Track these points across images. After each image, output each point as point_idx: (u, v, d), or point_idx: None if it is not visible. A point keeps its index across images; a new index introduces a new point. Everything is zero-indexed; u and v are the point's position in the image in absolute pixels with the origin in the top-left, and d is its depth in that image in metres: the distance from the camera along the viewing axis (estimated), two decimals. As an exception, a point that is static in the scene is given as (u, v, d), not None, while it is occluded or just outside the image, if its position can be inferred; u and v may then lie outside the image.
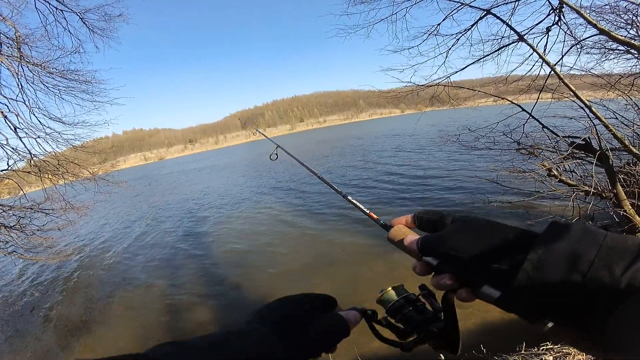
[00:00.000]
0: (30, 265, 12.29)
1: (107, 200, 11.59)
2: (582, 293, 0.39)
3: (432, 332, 0.57)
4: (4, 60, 6.71)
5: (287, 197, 16.36)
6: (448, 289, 0.54)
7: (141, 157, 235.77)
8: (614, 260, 0.39)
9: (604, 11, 5.11)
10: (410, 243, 0.59)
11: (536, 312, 0.44)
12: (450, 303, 0.56)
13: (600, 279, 0.38)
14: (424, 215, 0.63)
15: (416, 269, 0.58)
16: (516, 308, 0.46)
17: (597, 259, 0.39)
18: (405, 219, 0.66)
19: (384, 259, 7.37)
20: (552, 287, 0.41)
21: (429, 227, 0.61)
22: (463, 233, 0.52)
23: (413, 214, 0.65)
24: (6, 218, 7.22)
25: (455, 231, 0.54)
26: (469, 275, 0.51)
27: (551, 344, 3.23)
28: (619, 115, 5.28)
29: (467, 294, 0.51)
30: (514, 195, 7.05)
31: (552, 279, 0.41)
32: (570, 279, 0.40)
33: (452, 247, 0.51)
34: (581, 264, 0.40)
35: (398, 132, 45.91)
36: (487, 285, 0.48)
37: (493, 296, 0.47)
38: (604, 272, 0.38)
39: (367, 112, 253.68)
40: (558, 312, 0.42)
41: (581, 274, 0.39)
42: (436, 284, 0.55)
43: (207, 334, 0.45)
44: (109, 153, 15.03)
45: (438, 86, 6.23)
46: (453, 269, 0.53)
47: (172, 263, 10.40)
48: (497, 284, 0.47)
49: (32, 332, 7.75)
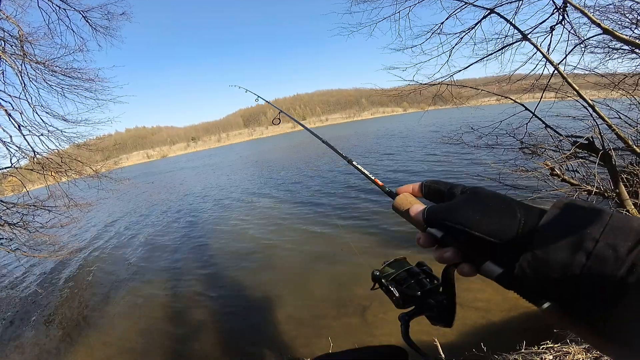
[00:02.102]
0: (33, 263, 12.32)
1: (110, 198, 11.63)
2: (585, 274, 0.39)
3: (430, 303, 0.57)
4: (7, 59, 6.74)
5: (286, 196, 16.39)
6: (450, 262, 0.53)
7: (144, 155, 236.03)
8: (619, 240, 0.38)
9: (608, 10, 5.06)
10: (415, 213, 0.57)
11: (537, 291, 0.44)
12: (450, 277, 0.56)
13: (605, 258, 0.38)
14: (432, 185, 0.61)
15: (420, 240, 0.56)
16: (517, 286, 0.46)
17: (602, 237, 0.39)
18: (412, 187, 0.64)
19: (385, 255, 7.33)
20: (555, 266, 0.41)
21: (437, 197, 0.60)
22: (472, 206, 0.50)
23: (420, 182, 0.64)
24: (10, 215, 7.27)
25: (465, 203, 0.52)
26: (474, 250, 0.50)
27: (551, 343, 3.23)
28: (623, 115, 5.25)
29: (469, 269, 0.51)
30: (516, 194, 7.01)
31: (556, 257, 0.41)
32: (574, 258, 0.40)
33: (459, 221, 0.49)
34: (586, 242, 0.40)
35: (400, 131, 45.80)
36: (490, 261, 0.48)
37: (494, 272, 0.47)
38: (609, 251, 0.38)
39: (370, 110, 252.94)
40: (561, 294, 0.41)
41: (586, 253, 0.39)
42: (439, 257, 0.54)
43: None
44: (112, 151, 15.11)
45: (441, 85, 6.20)
46: (458, 243, 0.52)
47: (175, 262, 10.43)
48: (500, 260, 0.47)
49: (33, 331, 7.79)
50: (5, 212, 7.19)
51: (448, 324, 0.57)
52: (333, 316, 5.99)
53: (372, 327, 5.46)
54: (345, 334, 5.42)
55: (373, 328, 5.44)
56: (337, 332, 5.48)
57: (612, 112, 5.10)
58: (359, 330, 5.47)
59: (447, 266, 0.55)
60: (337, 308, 6.19)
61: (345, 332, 5.50)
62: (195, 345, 5.99)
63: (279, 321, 6.17)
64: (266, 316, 6.43)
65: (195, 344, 6.04)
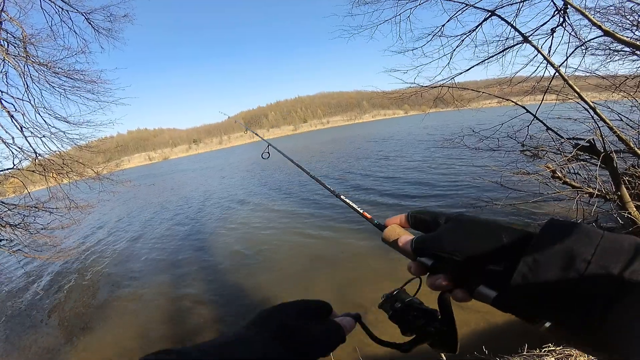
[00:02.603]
0: (34, 264, 12.35)
1: (111, 200, 11.65)
2: (578, 292, 0.38)
3: (430, 332, 0.57)
4: (11, 60, 6.77)
5: (286, 199, 16.38)
6: (444, 289, 0.54)
7: (145, 157, 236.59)
8: (611, 261, 0.38)
9: (608, 12, 5.08)
10: (404, 244, 0.59)
11: (533, 312, 0.43)
12: (446, 303, 0.56)
13: (598, 279, 0.38)
14: (417, 215, 0.62)
15: (411, 269, 0.57)
16: (513, 308, 0.45)
17: (593, 259, 0.39)
18: (399, 219, 0.65)
19: (385, 258, 7.34)
20: (548, 287, 0.40)
21: (423, 227, 0.61)
22: (457, 233, 0.52)
23: (407, 213, 0.64)
24: (11, 217, 7.28)
25: (449, 232, 0.53)
26: (464, 275, 0.50)
27: (553, 346, 3.22)
28: (624, 117, 5.25)
29: (463, 294, 0.51)
30: (517, 196, 7.01)
31: (548, 278, 0.40)
32: (566, 279, 0.39)
33: (445, 249, 0.51)
34: (577, 264, 0.39)
35: (400, 134, 45.84)
36: (483, 285, 0.47)
37: (489, 296, 0.47)
38: (601, 271, 0.38)
39: (371, 113, 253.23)
40: (555, 311, 0.41)
41: (578, 274, 0.39)
42: (431, 285, 0.54)
43: (204, 341, 0.46)
44: (114, 152, 15.19)
45: (442, 87, 6.21)
46: (448, 270, 0.52)
47: (175, 262, 10.43)
48: (493, 284, 0.47)
49: (35, 331, 7.79)
50: (6, 213, 7.21)
51: (452, 350, 0.57)
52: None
53: (372, 329, 5.43)
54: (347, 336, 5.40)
55: (373, 330, 5.41)
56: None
57: (614, 114, 5.10)
58: (359, 332, 5.43)
59: (441, 293, 0.55)
60: (337, 310, 6.17)
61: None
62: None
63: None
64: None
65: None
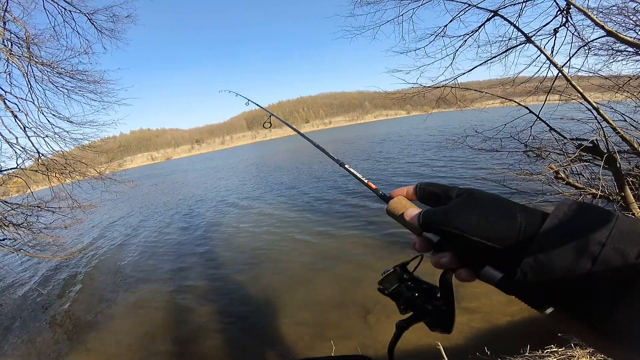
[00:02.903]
0: (37, 263, 12.40)
1: (114, 199, 11.68)
2: (591, 278, 0.37)
3: (428, 309, 0.56)
4: (14, 60, 6.80)
5: (287, 200, 16.38)
6: (448, 268, 0.52)
7: (148, 157, 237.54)
8: (627, 244, 0.36)
9: (611, 12, 5.04)
10: (411, 217, 0.56)
11: (539, 296, 0.42)
12: (448, 282, 0.55)
13: (612, 263, 0.36)
14: (427, 187, 0.59)
15: (415, 245, 0.55)
16: (518, 291, 0.44)
17: (608, 241, 0.37)
18: (406, 190, 0.62)
19: (387, 258, 7.33)
20: (560, 271, 0.39)
21: (432, 200, 0.58)
22: (469, 209, 0.48)
23: (415, 185, 0.61)
24: (14, 216, 7.32)
25: (461, 207, 0.49)
26: (471, 255, 0.48)
27: (555, 347, 3.20)
28: (628, 118, 5.22)
29: (467, 274, 0.50)
30: (521, 197, 6.98)
31: (560, 262, 0.39)
32: (579, 263, 0.38)
33: (456, 225, 0.47)
34: (591, 246, 0.38)
35: (402, 134, 45.79)
36: (489, 266, 0.46)
37: (495, 278, 0.46)
38: (617, 256, 0.36)
39: (373, 113, 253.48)
40: (562, 297, 0.40)
41: (591, 258, 0.37)
42: (435, 262, 0.52)
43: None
44: (117, 152, 15.18)
45: (445, 88, 6.19)
46: (455, 248, 0.50)
47: (177, 264, 10.44)
48: (500, 265, 0.45)
49: (37, 330, 7.81)
50: (9, 213, 7.24)
51: (447, 330, 0.55)
52: (335, 319, 5.96)
53: (375, 330, 5.43)
54: (348, 337, 5.40)
55: (375, 331, 5.41)
56: (339, 334, 5.46)
57: (617, 114, 5.06)
58: (360, 334, 5.44)
59: (444, 271, 0.54)
60: (340, 310, 6.17)
61: (347, 334, 5.47)
62: (197, 347, 5.98)
63: (281, 323, 6.15)
64: (268, 318, 6.42)
65: (197, 346, 6.03)
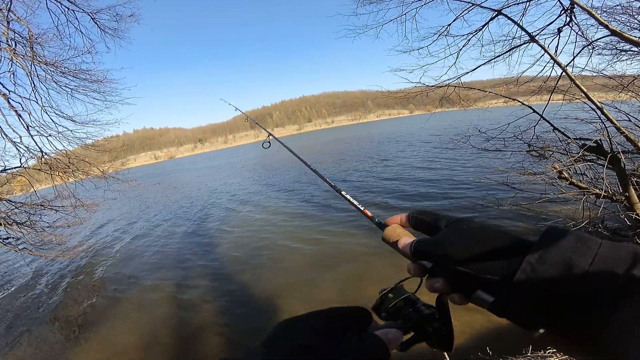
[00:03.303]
0: (40, 262, 12.46)
1: (117, 198, 11.72)
2: (575, 300, 0.39)
3: (428, 331, 0.57)
4: (18, 60, 6.83)
5: (287, 200, 16.37)
6: (441, 292, 0.55)
7: (151, 156, 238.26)
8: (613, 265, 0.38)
9: (615, 12, 5.02)
10: (404, 246, 0.59)
11: (529, 318, 0.44)
12: (444, 304, 0.57)
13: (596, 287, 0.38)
14: (418, 216, 0.63)
15: (410, 271, 0.58)
16: (509, 314, 0.46)
17: (591, 269, 0.39)
18: (400, 218, 0.66)
19: (388, 258, 7.31)
20: (546, 295, 0.41)
21: (423, 229, 0.61)
22: (456, 239, 0.52)
23: (408, 213, 0.65)
24: (18, 215, 7.35)
25: (449, 236, 0.53)
26: (461, 281, 0.51)
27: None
28: (632, 117, 5.20)
29: (459, 298, 0.52)
30: (524, 197, 6.96)
31: (546, 287, 0.41)
32: (563, 289, 0.40)
33: (444, 254, 0.51)
34: (575, 274, 0.40)
35: (406, 134, 45.72)
36: (480, 290, 0.48)
37: (486, 301, 0.48)
38: (599, 281, 0.38)
39: (376, 112, 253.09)
40: (551, 319, 0.41)
41: (575, 284, 0.39)
42: (430, 287, 0.55)
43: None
44: (120, 151, 15.26)
45: (448, 87, 6.17)
46: (446, 274, 0.53)
47: (178, 262, 10.47)
48: (490, 289, 0.47)
49: (38, 329, 7.85)
50: (13, 212, 7.28)
51: (448, 349, 0.57)
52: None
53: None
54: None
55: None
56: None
57: (621, 114, 5.05)
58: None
59: (439, 294, 0.56)
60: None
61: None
62: (198, 347, 5.99)
63: (282, 323, 6.15)
64: (270, 318, 6.42)
65: (198, 345, 6.04)
